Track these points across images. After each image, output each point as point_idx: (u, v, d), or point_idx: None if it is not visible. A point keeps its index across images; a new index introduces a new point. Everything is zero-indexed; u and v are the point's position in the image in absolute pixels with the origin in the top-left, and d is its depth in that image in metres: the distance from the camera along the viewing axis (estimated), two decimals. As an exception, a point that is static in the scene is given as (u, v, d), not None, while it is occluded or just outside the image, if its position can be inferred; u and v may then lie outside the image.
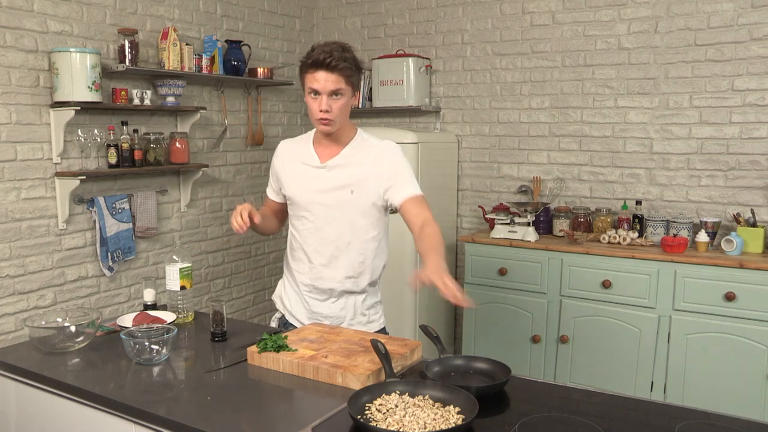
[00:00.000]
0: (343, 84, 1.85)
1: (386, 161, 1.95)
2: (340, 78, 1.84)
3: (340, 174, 1.96)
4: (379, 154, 1.96)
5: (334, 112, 1.87)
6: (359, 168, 1.95)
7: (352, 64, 1.86)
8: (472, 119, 3.98)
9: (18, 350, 1.87)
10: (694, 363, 2.96)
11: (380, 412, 1.35)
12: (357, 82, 1.91)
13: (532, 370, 3.35)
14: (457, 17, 3.96)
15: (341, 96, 1.86)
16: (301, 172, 2.02)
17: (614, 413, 1.46)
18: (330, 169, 1.98)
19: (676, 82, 3.34)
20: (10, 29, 2.78)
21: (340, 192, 1.95)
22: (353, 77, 1.88)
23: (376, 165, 1.95)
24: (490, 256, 3.46)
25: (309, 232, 2.02)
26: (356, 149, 1.98)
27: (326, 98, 1.85)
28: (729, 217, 3.24)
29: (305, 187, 2.00)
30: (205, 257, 3.80)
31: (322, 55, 1.82)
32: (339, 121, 1.91)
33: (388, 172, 1.94)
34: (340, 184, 1.95)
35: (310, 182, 2.00)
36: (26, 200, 2.89)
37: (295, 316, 2.14)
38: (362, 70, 1.95)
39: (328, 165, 1.98)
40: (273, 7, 4.16)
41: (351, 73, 1.86)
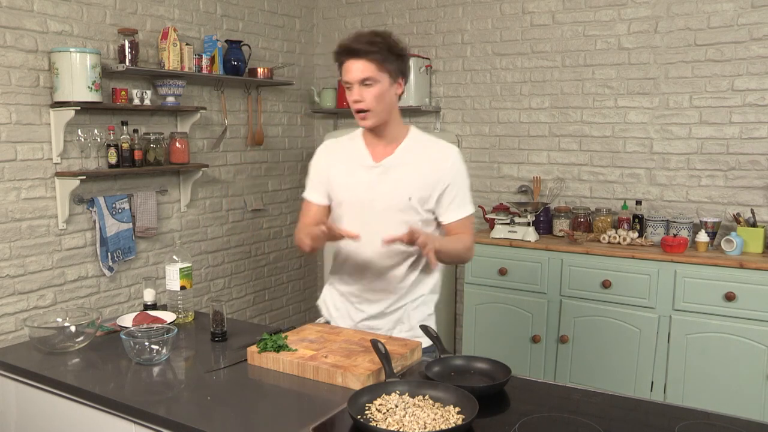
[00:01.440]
0: (374, 71, 1.73)
1: (448, 167, 1.84)
2: (369, 65, 1.72)
3: (397, 174, 1.84)
4: (440, 160, 1.85)
5: (368, 101, 1.76)
6: (417, 170, 1.83)
7: (383, 48, 1.73)
8: (472, 119, 3.98)
9: (18, 350, 1.87)
10: (694, 363, 2.96)
11: (380, 412, 1.35)
12: (396, 68, 1.77)
13: (532, 370, 3.35)
14: (457, 17, 3.96)
15: (374, 84, 1.74)
16: (353, 174, 1.87)
17: (614, 413, 1.46)
18: (386, 169, 1.84)
19: (676, 82, 3.34)
20: (10, 29, 2.78)
21: (396, 194, 1.83)
22: (387, 62, 1.74)
23: (435, 170, 1.83)
24: (490, 256, 3.46)
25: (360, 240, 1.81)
26: (413, 149, 1.87)
27: (357, 87, 1.75)
28: (729, 217, 3.24)
29: (358, 187, 1.86)
30: (205, 257, 3.80)
31: (347, 41, 1.74)
32: (378, 111, 1.78)
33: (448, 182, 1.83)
34: (396, 185, 1.83)
35: (363, 183, 1.86)
36: (26, 200, 2.89)
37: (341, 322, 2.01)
38: (401, 55, 1.79)
39: (383, 165, 1.85)
40: (273, 7, 4.16)
41: (383, 58, 1.73)
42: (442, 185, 1.84)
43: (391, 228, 1.77)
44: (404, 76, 1.82)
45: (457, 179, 1.85)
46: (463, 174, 1.88)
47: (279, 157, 4.24)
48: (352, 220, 1.88)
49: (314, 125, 4.56)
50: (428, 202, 1.85)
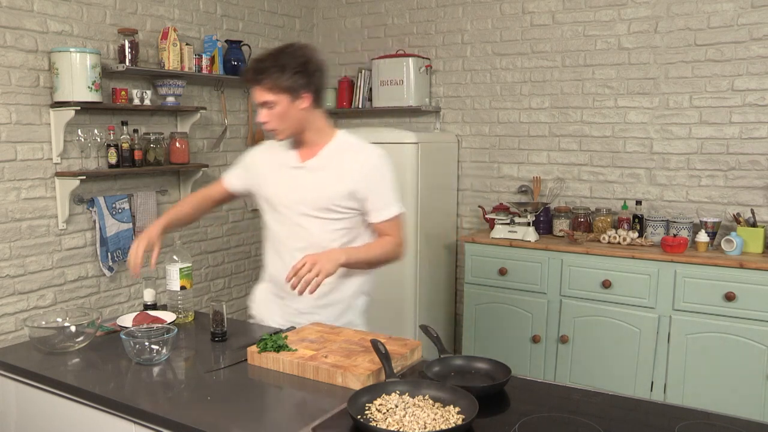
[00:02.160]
0: (270, 95, 1.81)
1: (368, 171, 1.90)
2: (263, 90, 1.81)
3: (319, 175, 1.92)
4: (362, 161, 1.91)
5: (272, 122, 1.86)
6: (338, 171, 1.91)
7: (274, 71, 1.79)
8: (472, 119, 3.98)
9: (18, 350, 1.87)
10: (694, 363, 2.96)
11: (380, 412, 1.35)
12: (294, 85, 1.81)
13: (532, 370, 3.35)
14: (457, 17, 3.96)
15: (274, 106, 1.83)
16: (280, 172, 1.99)
17: (614, 413, 1.46)
18: (309, 170, 1.94)
19: (676, 82, 3.34)
20: (10, 29, 2.78)
21: (316, 194, 1.92)
22: (282, 82, 1.80)
23: (355, 173, 1.90)
24: (490, 256, 3.46)
25: (285, 234, 1.98)
26: (336, 151, 1.94)
27: (261, 110, 1.86)
28: (729, 217, 3.24)
29: (282, 186, 1.97)
30: (205, 257, 3.80)
31: (247, 74, 1.85)
32: (284, 128, 1.88)
33: (367, 185, 1.89)
34: (316, 185, 1.92)
35: (287, 182, 1.96)
36: (26, 200, 2.89)
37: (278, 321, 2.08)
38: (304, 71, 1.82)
39: (307, 165, 1.94)
40: (273, 7, 4.16)
41: (274, 82, 1.80)
42: (362, 187, 1.89)
43: (312, 227, 1.92)
44: (309, 89, 1.85)
45: (376, 181, 1.91)
46: (383, 176, 1.93)
47: (279, 157, 4.24)
48: (275, 217, 2.00)
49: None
50: (350, 203, 1.91)
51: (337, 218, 1.92)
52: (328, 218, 1.92)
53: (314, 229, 1.93)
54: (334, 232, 1.94)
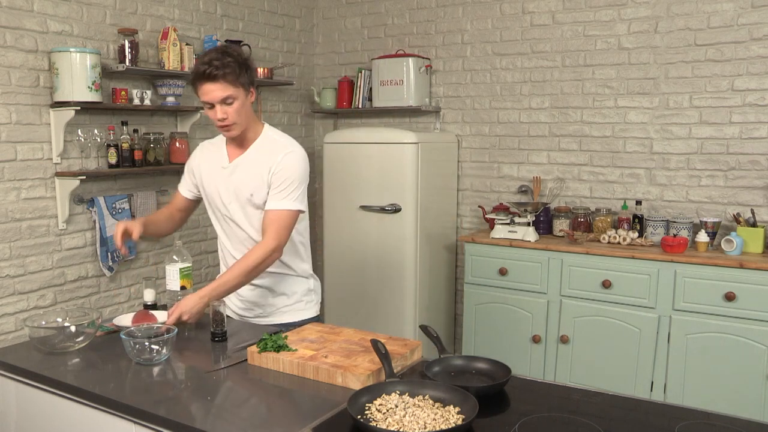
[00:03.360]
0: (231, 90, 1.88)
1: (276, 162, 1.97)
2: (226, 85, 1.87)
3: (243, 174, 2.01)
4: (275, 154, 1.98)
5: (231, 117, 1.92)
6: (259, 167, 1.99)
7: (234, 67, 1.87)
8: (472, 119, 3.98)
9: (18, 350, 1.87)
10: (694, 363, 2.96)
11: (380, 412, 1.35)
12: (247, 80, 1.92)
13: (532, 370, 3.35)
14: (457, 17, 3.96)
15: (233, 100, 1.90)
16: (213, 172, 2.08)
17: (614, 413, 1.46)
18: (234, 168, 2.03)
19: (676, 82, 3.34)
20: (10, 29, 2.78)
21: (242, 193, 2.00)
22: (241, 77, 1.89)
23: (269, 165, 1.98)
24: (490, 256, 3.46)
25: (222, 230, 2.11)
26: (260, 149, 2.03)
27: (219, 107, 1.90)
28: (729, 217, 3.24)
29: (215, 185, 2.06)
30: (205, 257, 3.80)
31: (201, 67, 1.86)
32: (240, 123, 1.95)
33: (274, 174, 1.97)
34: (242, 184, 2.00)
35: (218, 181, 2.05)
36: (26, 200, 2.89)
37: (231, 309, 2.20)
38: (249, 67, 1.93)
39: (232, 165, 2.03)
40: (273, 7, 4.16)
41: (236, 75, 1.87)
42: (269, 176, 1.97)
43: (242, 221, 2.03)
44: (253, 85, 1.98)
45: (282, 172, 1.96)
46: (291, 169, 1.97)
47: (279, 157, 4.24)
48: (212, 214, 2.13)
49: (314, 125, 4.56)
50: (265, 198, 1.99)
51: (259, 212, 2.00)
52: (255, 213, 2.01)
53: (244, 224, 2.03)
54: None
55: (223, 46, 1.93)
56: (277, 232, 1.95)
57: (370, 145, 3.70)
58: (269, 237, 1.94)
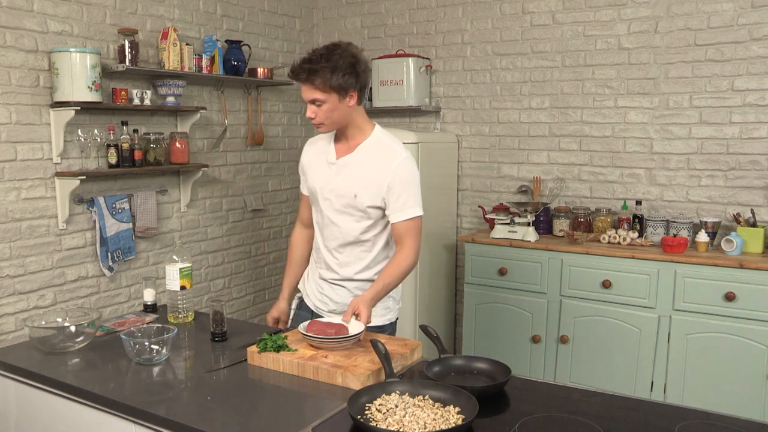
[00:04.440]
0: (319, 93, 1.88)
1: (391, 171, 1.95)
2: (313, 88, 1.89)
3: (349, 173, 2.01)
4: (388, 162, 1.97)
5: (319, 117, 1.94)
6: (367, 171, 1.98)
7: (325, 72, 1.86)
8: (472, 119, 3.98)
9: (18, 350, 1.87)
10: (694, 363, 2.96)
11: (380, 412, 1.35)
12: (344, 84, 1.89)
13: (532, 370, 3.35)
14: (457, 17, 3.96)
15: (322, 103, 1.91)
16: (320, 166, 2.09)
17: (614, 413, 1.46)
18: (341, 166, 2.02)
19: (676, 82, 3.34)
20: (10, 29, 2.78)
21: (346, 189, 2.00)
22: (332, 82, 1.87)
23: (382, 171, 1.96)
24: (490, 256, 3.46)
25: (322, 225, 2.10)
26: (369, 150, 2.02)
27: (310, 106, 1.94)
28: (729, 217, 3.24)
29: (320, 179, 2.07)
30: (205, 257, 3.80)
31: (297, 70, 1.89)
32: (330, 123, 1.96)
33: (391, 185, 1.95)
34: (347, 182, 2.00)
35: (323, 175, 2.06)
36: (26, 200, 2.89)
37: (310, 299, 2.21)
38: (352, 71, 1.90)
39: (339, 162, 2.03)
40: (273, 7, 4.16)
41: (326, 80, 1.87)
42: (386, 186, 1.96)
43: (340, 221, 2.03)
44: (356, 88, 1.94)
45: (400, 181, 1.95)
46: (408, 177, 1.97)
47: (279, 157, 4.24)
48: (316, 209, 2.13)
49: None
50: (375, 202, 1.98)
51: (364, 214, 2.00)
52: (357, 214, 2.00)
53: (341, 222, 2.03)
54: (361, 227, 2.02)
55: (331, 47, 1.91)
56: (414, 240, 1.98)
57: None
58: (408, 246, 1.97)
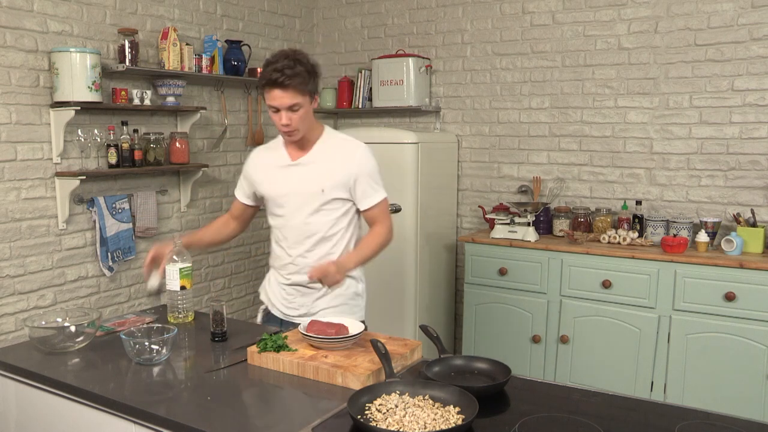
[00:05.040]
0: (299, 97, 1.92)
1: (355, 162, 2.05)
2: (295, 93, 1.91)
3: (310, 171, 2.05)
4: (349, 153, 2.06)
5: (294, 123, 1.96)
6: (328, 164, 2.04)
7: (304, 75, 1.92)
8: (472, 119, 3.98)
9: (18, 350, 1.87)
10: (694, 363, 2.96)
11: (380, 412, 1.35)
12: (313, 88, 1.98)
13: (532, 370, 3.35)
14: (457, 17, 3.96)
15: (300, 107, 1.94)
16: (273, 172, 2.12)
17: (614, 413, 1.46)
18: (299, 166, 2.07)
19: (676, 82, 3.34)
20: (10, 29, 2.78)
21: (310, 188, 2.04)
22: (309, 85, 1.94)
23: (345, 163, 2.04)
24: (490, 256, 3.46)
25: (284, 226, 2.12)
26: (325, 146, 2.08)
27: (285, 113, 1.94)
28: (729, 217, 3.24)
29: (278, 184, 2.10)
30: (205, 257, 3.80)
31: (274, 74, 1.89)
32: (303, 128, 2.00)
33: (357, 175, 2.04)
34: (310, 179, 2.05)
35: (282, 179, 2.09)
36: (26, 200, 2.89)
37: (276, 307, 2.20)
38: (317, 74, 2.00)
39: (297, 163, 2.08)
40: (273, 7, 4.16)
41: (305, 84, 1.93)
42: (352, 179, 2.04)
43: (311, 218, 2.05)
44: (317, 92, 2.04)
45: (364, 171, 2.05)
46: (370, 166, 2.07)
47: (279, 157, 4.24)
48: (275, 215, 2.14)
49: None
50: (342, 194, 2.05)
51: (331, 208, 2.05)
52: (324, 208, 2.05)
53: (309, 220, 2.06)
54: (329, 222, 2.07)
55: (294, 52, 1.96)
56: (387, 219, 2.09)
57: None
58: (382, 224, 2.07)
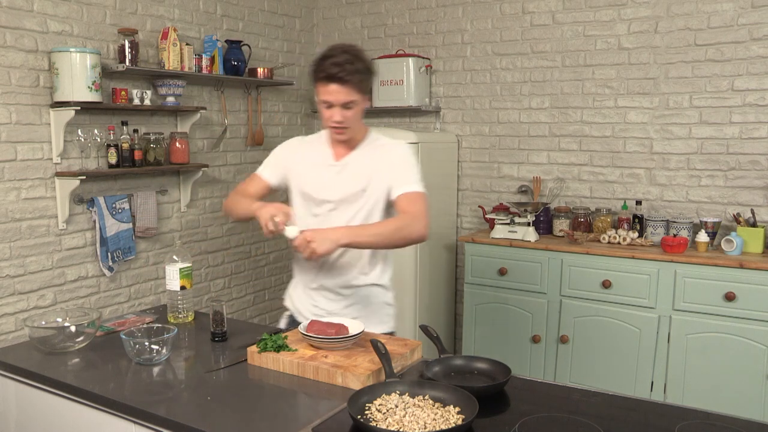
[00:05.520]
0: (356, 95, 1.85)
1: (393, 158, 1.98)
2: (353, 89, 1.84)
3: (353, 172, 1.98)
4: (388, 152, 1.99)
5: (347, 121, 1.89)
6: (371, 167, 1.97)
7: (363, 73, 1.86)
8: (472, 119, 3.98)
9: (18, 350, 1.87)
10: (694, 363, 2.96)
11: (380, 412, 1.35)
12: (369, 86, 1.91)
13: (532, 370, 3.35)
14: (457, 17, 3.96)
15: (354, 105, 1.87)
16: (318, 171, 2.03)
17: (614, 413, 1.46)
18: (344, 167, 2.00)
19: (676, 82, 3.34)
20: (10, 29, 2.78)
21: (353, 189, 1.97)
22: (365, 83, 1.88)
23: (384, 163, 1.97)
24: (490, 256, 3.46)
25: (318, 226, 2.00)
26: (369, 148, 2.01)
27: (339, 109, 1.86)
28: (729, 217, 3.24)
29: (319, 183, 2.01)
30: (205, 257, 3.80)
31: (334, 68, 1.81)
32: (354, 126, 1.94)
33: (392, 168, 1.96)
34: (352, 181, 1.97)
35: (325, 179, 2.00)
36: (26, 200, 2.89)
37: (302, 314, 2.09)
38: (374, 73, 1.94)
39: (341, 163, 2.00)
40: (273, 7, 4.16)
41: (363, 81, 1.86)
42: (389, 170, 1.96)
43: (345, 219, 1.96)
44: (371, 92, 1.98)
45: (400, 161, 1.98)
46: (408, 160, 2.00)
47: (279, 157, 4.24)
48: (313, 209, 2.03)
49: (314, 125, 4.56)
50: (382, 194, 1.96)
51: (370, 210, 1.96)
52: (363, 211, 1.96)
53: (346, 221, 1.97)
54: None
55: (352, 48, 1.88)
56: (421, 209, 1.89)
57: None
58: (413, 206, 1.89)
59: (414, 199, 1.92)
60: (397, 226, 1.86)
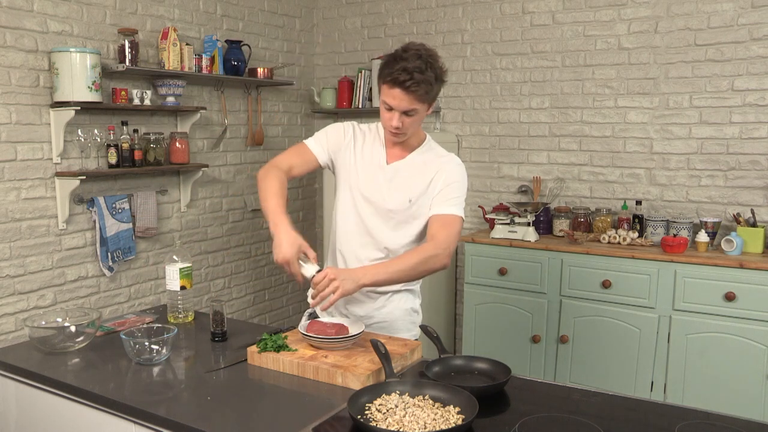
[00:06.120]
0: (418, 104, 1.78)
1: (446, 176, 1.90)
2: (416, 99, 1.76)
3: (403, 182, 1.91)
4: (443, 168, 1.91)
5: (405, 127, 1.83)
6: (421, 177, 1.90)
7: (431, 83, 1.77)
8: (472, 119, 3.98)
9: (18, 350, 1.87)
10: (694, 363, 2.96)
11: (380, 412, 1.35)
12: (435, 94, 1.83)
13: (532, 370, 3.35)
14: (457, 17, 3.96)
15: (415, 113, 1.80)
16: (366, 169, 1.95)
17: (614, 413, 1.46)
18: (395, 173, 1.92)
19: (676, 82, 3.34)
20: (10, 29, 2.78)
21: (400, 200, 1.90)
22: (431, 93, 1.80)
23: (435, 179, 1.90)
24: (490, 256, 3.46)
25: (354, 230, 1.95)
26: (423, 157, 1.94)
27: (399, 115, 1.80)
28: (729, 217, 3.24)
29: (370, 183, 1.93)
30: (205, 257, 3.80)
31: (402, 75, 1.73)
32: (410, 133, 1.88)
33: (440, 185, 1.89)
34: (401, 192, 1.91)
35: (375, 181, 1.93)
36: (26, 200, 2.89)
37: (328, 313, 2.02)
38: (443, 82, 1.85)
39: (393, 168, 1.93)
40: (273, 7, 4.16)
41: (429, 92, 1.78)
42: (437, 185, 1.89)
43: (386, 227, 1.91)
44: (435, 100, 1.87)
45: (449, 179, 1.89)
46: (458, 179, 1.91)
47: (279, 157, 4.24)
48: (350, 209, 1.95)
49: (314, 125, 4.56)
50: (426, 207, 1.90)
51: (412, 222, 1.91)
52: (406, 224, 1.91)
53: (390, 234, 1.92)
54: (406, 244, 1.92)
55: (427, 52, 1.79)
56: (449, 236, 1.82)
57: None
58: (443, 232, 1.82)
59: (448, 224, 1.85)
60: (420, 260, 1.78)
